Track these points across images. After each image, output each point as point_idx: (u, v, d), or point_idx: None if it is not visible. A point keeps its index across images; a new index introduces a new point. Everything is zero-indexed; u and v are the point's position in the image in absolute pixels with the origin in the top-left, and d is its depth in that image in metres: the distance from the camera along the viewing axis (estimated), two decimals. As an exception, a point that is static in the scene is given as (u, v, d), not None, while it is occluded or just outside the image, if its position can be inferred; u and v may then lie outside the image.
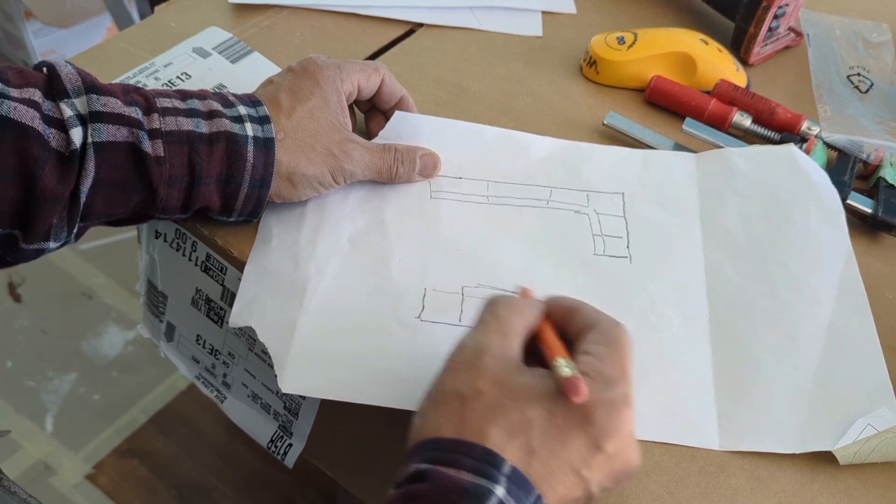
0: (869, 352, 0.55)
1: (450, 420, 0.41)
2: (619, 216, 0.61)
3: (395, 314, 0.53)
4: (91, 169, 0.48)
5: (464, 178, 0.62)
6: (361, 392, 0.50)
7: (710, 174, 0.64)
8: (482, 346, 0.43)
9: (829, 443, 0.50)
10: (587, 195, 0.62)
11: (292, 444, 0.61)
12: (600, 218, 0.60)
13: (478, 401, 0.41)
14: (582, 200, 0.61)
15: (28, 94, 0.47)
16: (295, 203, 0.58)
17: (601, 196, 0.62)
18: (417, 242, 0.57)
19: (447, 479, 0.38)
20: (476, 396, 0.41)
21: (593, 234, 0.59)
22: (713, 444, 0.50)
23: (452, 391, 0.42)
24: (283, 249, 0.56)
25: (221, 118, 0.52)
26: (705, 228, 0.60)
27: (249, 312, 0.53)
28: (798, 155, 0.64)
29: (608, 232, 0.60)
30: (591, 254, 0.58)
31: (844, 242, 0.60)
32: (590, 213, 0.60)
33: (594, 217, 0.60)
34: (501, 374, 0.42)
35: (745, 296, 0.57)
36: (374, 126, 0.62)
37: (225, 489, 1.28)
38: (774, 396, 0.52)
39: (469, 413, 0.41)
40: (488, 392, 0.41)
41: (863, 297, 0.57)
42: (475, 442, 0.39)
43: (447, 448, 0.40)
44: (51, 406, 1.35)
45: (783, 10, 0.76)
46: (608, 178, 0.63)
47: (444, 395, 0.42)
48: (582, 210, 0.61)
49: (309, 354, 0.51)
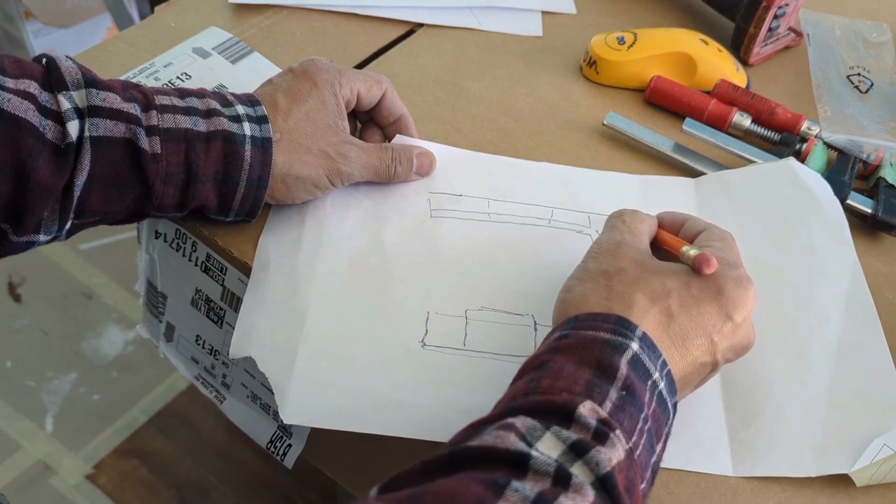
0: (881, 367, 0.54)
1: (596, 291, 0.46)
2: None
3: (397, 339, 0.52)
4: (86, 163, 0.48)
5: (464, 195, 0.61)
6: (365, 421, 0.49)
7: (710, 197, 0.63)
8: (617, 239, 0.50)
9: (846, 465, 0.49)
10: (588, 216, 0.61)
11: (292, 445, 0.61)
12: None
13: (622, 275, 0.47)
14: (583, 221, 0.61)
15: (24, 85, 0.47)
16: (293, 223, 0.57)
17: (602, 218, 0.60)
18: (418, 264, 0.56)
19: (588, 335, 0.43)
20: (620, 272, 0.47)
21: None
22: (727, 470, 0.49)
23: (597, 269, 0.48)
24: (281, 274, 0.55)
25: (219, 117, 0.52)
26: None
27: (249, 342, 0.52)
28: (797, 168, 0.63)
29: None
30: None
31: (850, 255, 0.59)
32: (592, 233, 0.60)
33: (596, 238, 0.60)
34: (639, 257, 0.48)
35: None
36: (369, 139, 0.62)
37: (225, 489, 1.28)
38: (787, 418, 0.51)
39: (616, 284, 0.46)
40: (630, 269, 0.47)
41: (872, 311, 0.56)
42: (609, 313, 0.44)
43: (584, 319, 0.45)
44: (51, 406, 1.35)
45: (783, 10, 0.76)
46: (608, 200, 0.62)
47: (590, 273, 0.48)
48: (584, 231, 0.60)
49: (310, 383, 0.50)
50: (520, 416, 0.38)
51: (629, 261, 0.48)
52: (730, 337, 0.47)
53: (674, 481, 0.49)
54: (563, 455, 0.37)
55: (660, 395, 0.43)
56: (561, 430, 0.37)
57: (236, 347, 0.52)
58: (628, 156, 0.68)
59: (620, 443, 0.38)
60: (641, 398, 0.41)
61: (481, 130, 0.68)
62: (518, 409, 0.39)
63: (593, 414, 0.38)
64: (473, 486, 0.33)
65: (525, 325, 0.54)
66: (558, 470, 0.35)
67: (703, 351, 0.46)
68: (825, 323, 0.55)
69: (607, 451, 0.37)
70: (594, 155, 0.67)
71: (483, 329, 0.53)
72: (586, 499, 0.35)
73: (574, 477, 0.35)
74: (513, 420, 0.38)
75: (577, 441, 0.37)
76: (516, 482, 0.34)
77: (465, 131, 0.67)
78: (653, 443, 0.41)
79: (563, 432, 0.37)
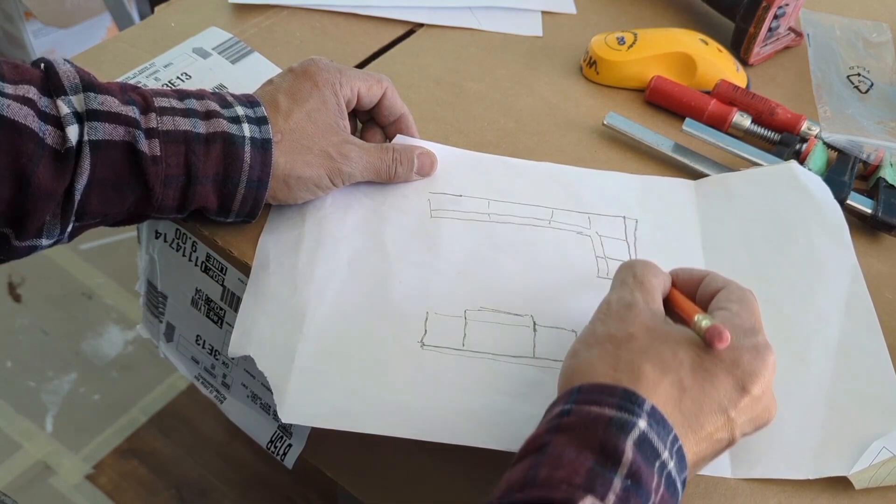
0: (881, 370, 0.54)
1: (603, 359, 0.43)
2: (622, 239, 0.60)
3: (397, 339, 0.52)
4: (86, 167, 0.48)
5: (464, 195, 0.61)
6: (364, 421, 0.49)
7: (710, 199, 0.63)
8: (628, 300, 0.46)
9: (844, 467, 0.49)
10: (588, 217, 0.61)
11: (292, 445, 0.61)
12: (603, 240, 0.59)
13: (631, 342, 0.43)
14: (583, 222, 0.60)
15: (23, 90, 0.47)
16: (293, 223, 0.57)
17: (602, 219, 0.61)
18: (418, 264, 0.56)
19: (592, 412, 0.40)
20: (629, 339, 0.44)
21: (596, 257, 0.58)
22: (725, 472, 0.49)
23: (605, 335, 0.44)
24: (280, 274, 0.55)
25: (219, 118, 0.52)
26: (707, 253, 0.60)
27: (248, 340, 0.52)
28: (798, 171, 0.63)
29: (611, 255, 0.59)
30: (595, 276, 0.57)
31: (849, 258, 0.59)
32: (592, 235, 0.60)
33: (597, 239, 0.59)
34: (650, 322, 0.45)
35: None
36: (370, 139, 0.62)
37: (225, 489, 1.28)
38: (786, 420, 0.50)
39: (623, 352, 0.43)
40: (640, 336, 0.44)
41: (871, 314, 0.56)
42: (616, 385, 0.41)
43: (588, 391, 0.42)
44: (51, 406, 1.35)
45: (783, 10, 0.76)
46: (608, 201, 0.62)
47: (597, 338, 0.45)
48: (584, 232, 0.60)
49: (309, 382, 0.50)
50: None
51: (639, 326, 0.44)
52: (748, 411, 0.44)
53: (674, 481, 0.49)
54: None
55: (668, 476, 0.40)
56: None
57: (235, 346, 0.52)
58: (628, 156, 0.68)
59: None
60: (648, 485, 0.38)
61: (481, 130, 0.68)
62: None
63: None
64: None
65: (524, 325, 0.54)
66: None
67: (719, 427, 0.43)
68: (825, 325, 0.55)
69: None
70: (594, 155, 0.67)
71: (482, 329, 0.53)
72: None
73: None
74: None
75: None
76: None
77: (465, 131, 0.67)
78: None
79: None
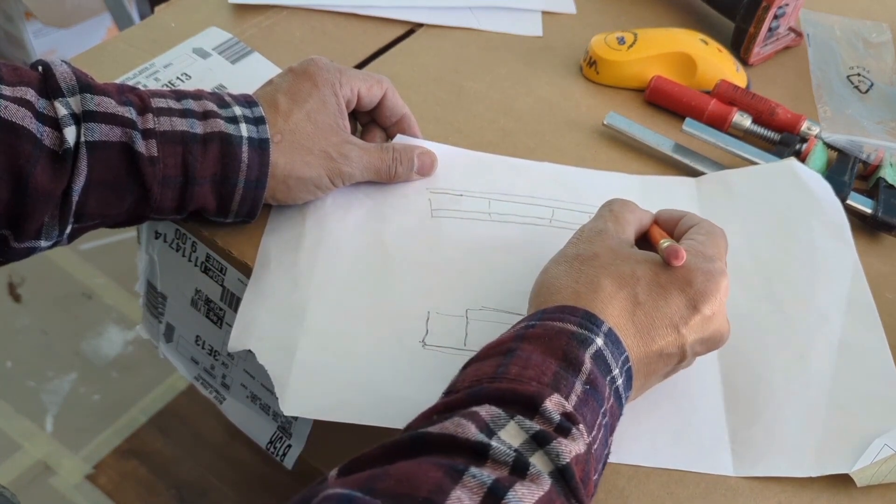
0: (882, 367, 0.54)
1: (568, 274, 0.48)
2: None
3: (398, 338, 0.52)
4: (83, 168, 0.48)
5: (465, 195, 0.61)
6: (366, 414, 0.49)
7: (711, 197, 0.63)
8: (600, 227, 0.51)
9: (846, 465, 0.49)
10: (589, 216, 0.60)
11: (291, 445, 0.61)
12: None
13: (594, 260, 0.48)
14: (584, 221, 0.60)
15: (21, 92, 0.47)
16: (294, 223, 0.57)
17: None
18: (419, 264, 0.56)
19: (556, 326, 0.44)
20: (593, 257, 0.48)
21: None
22: (727, 470, 0.49)
23: (573, 254, 0.49)
24: (282, 271, 0.55)
25: (216, 119, 0.52)
26: None
27: (248, 335, 0.52)
28: (799, 169, 0.63)
29: None
30: None
31: (850, 255, 0.59)
32: None
33: None
34: (615, 245, 0.49)
35: (752, 317, 0.55)
36: (371, 140, 0.61)
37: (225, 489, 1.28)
38: (787, 418, 0.51)
39: (587, 268, 0.47)
40: (603, 255, 0.48)
41: (873, 311, 0.56)
42: (577, 306, 0.45)
43: (552, 311, 0.45)
44: (51, 406, 1.35)
45: (783, 10, 0.76)
46: None
47: (566, 257, 0.49)
48: None
49: (311, 375, 0.50)
50: (485, 404, 0.39)
51: (604, 247, 0.49)
52: (698, 330, 0.47)
53: (674, 481, 0.49)
54: (525, 444, 0.38)
55: (617, 391, 0.44)
56: (524, 419, 0.38)
57: (235, 341, 0.52)
58: (628, 156, 0.68)
59: (582, 437, 0.39)
60: (602, 392, 0.42)
61: (481, 130, 0.68)
62: (483, 394, 0.40)
63: (559, 407, 0.39)
64: (433, 470, 0.34)
65: None
66: (517, 459, 0.36)
67: (669, 342, 0.46)
68: (826, 323, 0.55)
69: (568, 444, 0.38)
70: (594, 155, 0.67)
71: (484, 329, 0.53)
72: (542, 487, 0.36)
73: (532, 466, 0.36)
74: (477, 409, 0.38)
75: (539, 432, 0.38)
76: (474, 468, 0.35)
77: (466, 131, 0.67)
78: (607, 436, 0.43)
79: (526, 422, 0.38)
